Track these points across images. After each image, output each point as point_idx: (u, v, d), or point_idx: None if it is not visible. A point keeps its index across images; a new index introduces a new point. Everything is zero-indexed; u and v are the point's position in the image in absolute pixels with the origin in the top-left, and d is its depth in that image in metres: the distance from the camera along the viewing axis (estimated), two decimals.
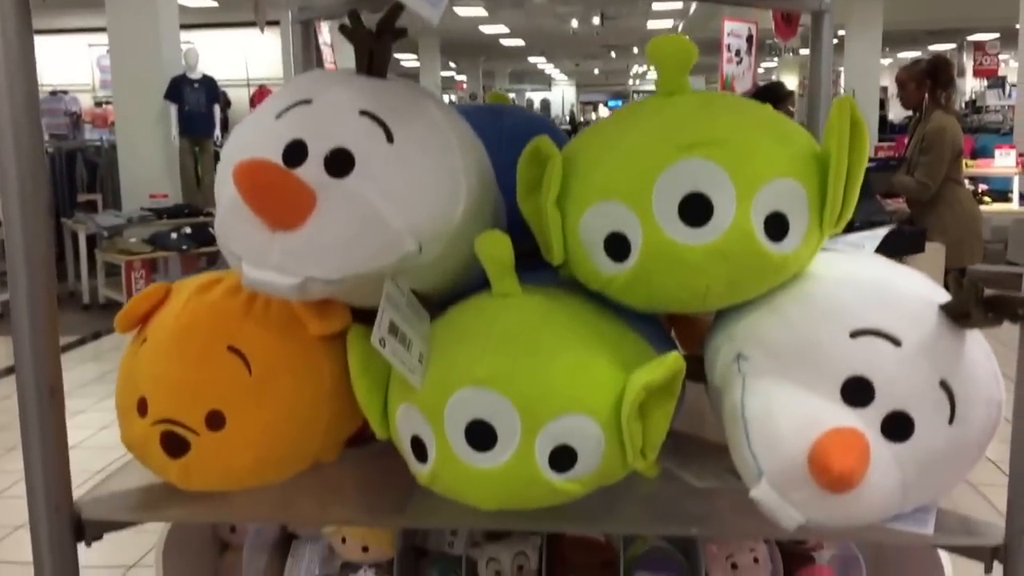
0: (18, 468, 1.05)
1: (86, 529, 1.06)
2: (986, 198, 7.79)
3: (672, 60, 1.07)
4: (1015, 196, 8.00)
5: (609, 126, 1.09)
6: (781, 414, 0.92)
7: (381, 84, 1.08)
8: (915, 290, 0.98)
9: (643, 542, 1.40)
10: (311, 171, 0.98)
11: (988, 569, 0.99)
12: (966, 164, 6.07)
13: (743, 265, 0.98)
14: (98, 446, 4.30)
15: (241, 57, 11.91)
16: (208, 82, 9.16)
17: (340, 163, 0.99)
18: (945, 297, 0.95)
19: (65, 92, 12.35)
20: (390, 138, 1.01)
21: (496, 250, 1.02)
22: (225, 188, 0.99)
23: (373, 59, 1.08)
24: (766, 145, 1.00)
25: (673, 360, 0.94)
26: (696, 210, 0.96)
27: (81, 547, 1.07)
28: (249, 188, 0.92)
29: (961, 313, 0.91)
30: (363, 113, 1.03)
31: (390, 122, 1.02)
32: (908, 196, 5.00)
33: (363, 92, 1.05)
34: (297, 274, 0.95)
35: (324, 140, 1.00)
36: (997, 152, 8.25)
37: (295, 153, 1.00)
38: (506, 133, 1.24)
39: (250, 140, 1.05)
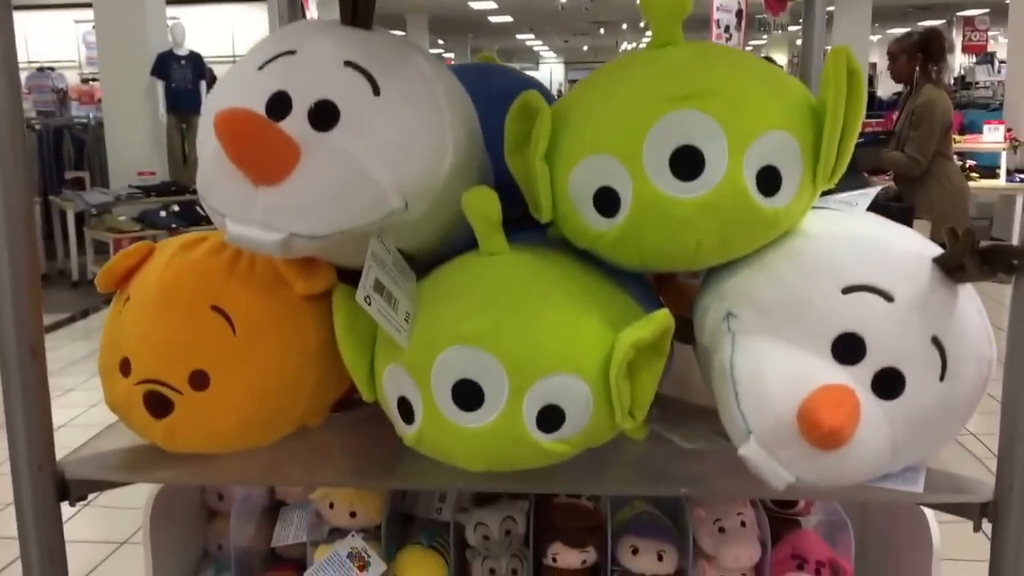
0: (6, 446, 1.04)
1: (70, 489, 1.04)
2: (973, 174, 7.80)
3: (665, 10, 1.05)
4: (1002, 172, 8.02)
5: (600, 79, 1.07)
6: (771, 372, 0.91)
7: (366, 35, 1.06)
8: (908, 246, 0.97)
9: (631, 508, 1.40)
10: (295, 124, 0.96)
11: (977, 527, 0.99)
12: (954, 140, 6.07)
13: (734, 220, 0.97)
14: (88, 424, 4.29)
15: (228, 33, 11.81)
16: (195, 58, 9.08)
17: (325, 116, 0.97)
18: (938, 253, 0.94)
19: (52, 69, 12.26)
20: (376, 91, 1.00)
21: (483, 206, 1.01)
22: (207, 142, 0.97)
23: (357, 8, 1.06)
24: (760, 97, 0.98)
25: (662, 317, 0.93)
26: (687, 163, 0.95)
27: (73, 523, 1.06)
28: (231, 139, 0.90)
29: (955, 265, 0.90)
30: (348, 64, 1.01)
31: (376, 74, 1.00)
32: (898, 172, 4.99)
33: (348, 43, 1.03)
34: (281, 230, 0.93)
35: (308, 92, 0.98)
36: (986, 127, 8.26)
37: (278, 105, 0.98)
38: (495, 93, 1.22)
39: (232, 92, 1.03)
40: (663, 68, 1.02)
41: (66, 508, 1.04)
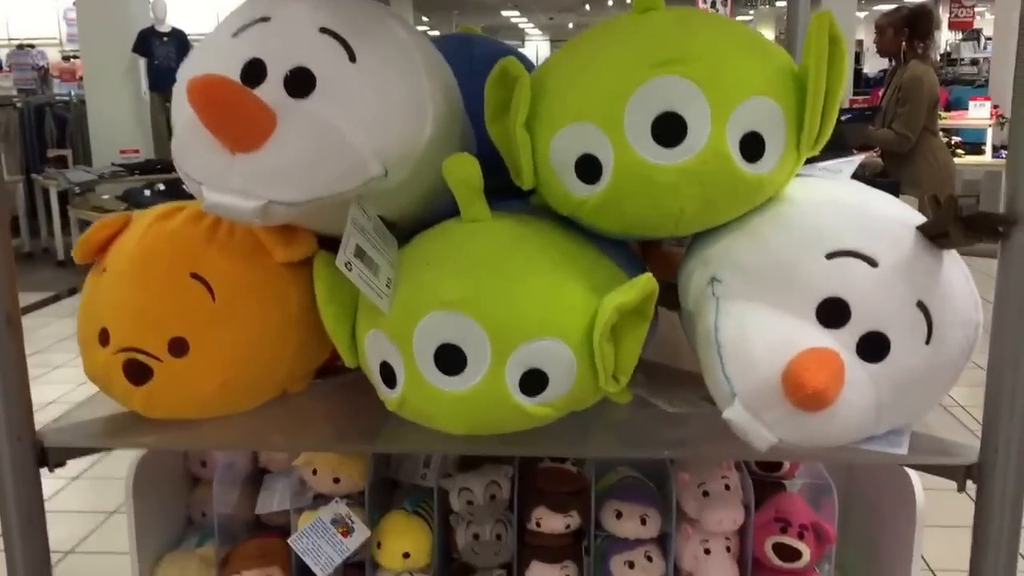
0: None
1: (49, 456, 1.04)
2: (959, 150, 7.81)
3: None
4: (988, 148, 8.03)
5: (580, 45, 1.06)
6: (755, 336, 0.92)
7: (341, 1, 1.05)
8: (892, 212, 0.97)
9: (615, 473, 1.41)
10: (270, 91, 0.95)
11: (961, 487, 0.99)
12: (940, 116, 6.07)
13: (717, 186, 0.96)
14: (76, 401, 4.24)
15: (211, 10, 11.69)
16: (178, 35, 8.96)
17: (300, 83, 0.96)
18: (923, 220, 0.94)
19: (32, 46, 12.11)
20: (352, 57, 0.98)
21: (464, 173, 1.00)
22: (182, 110, 0.96)
23: None
24: (743, 62, 0.97)
25: (646, 281, 0.93)
26: (669, 130, 0.94)
27: (63, 495, 1.05)
28: (205, 105, 0.89)
29: (939, 232, 0.91)
30: (323, 30, 0.99)
31: (352, 40, 0.99)
32: (887, 149, 4.98)
33: (323, 9, 1.02)
34: (259, 197, 0.92)
35: (283, 59, 0.97)
36: (971, 104, 8.26)
37: (253, 73, 0.97)
38: (476, 62, 1.21)
39: (206, 59, 1.02)
40: (644, 33, 1.01)
41: (56, 480, 1.04)
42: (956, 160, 6.25)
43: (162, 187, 7.60)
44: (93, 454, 1.06)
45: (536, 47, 34.33)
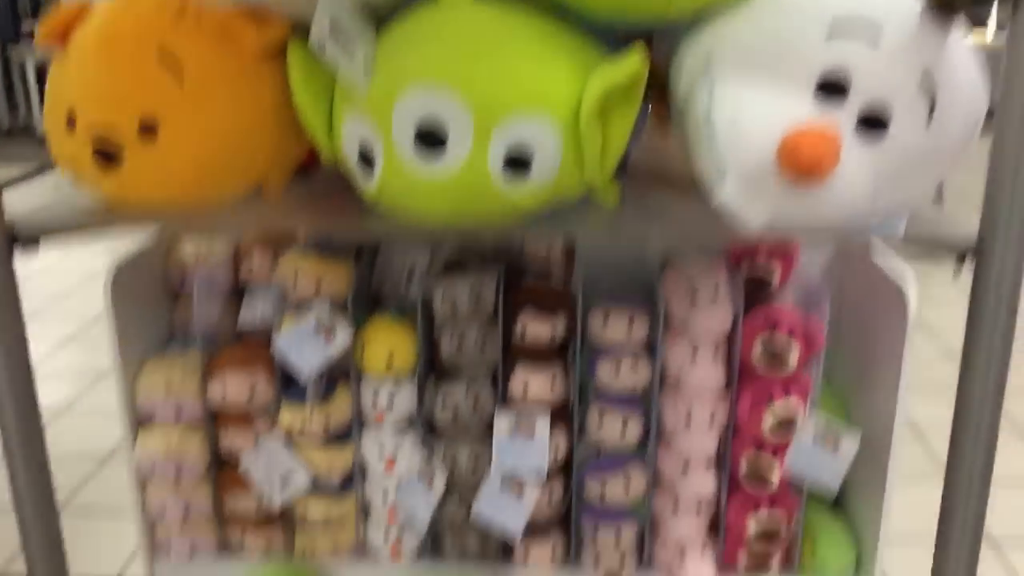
0: None
1: (20, 237, 1.00)
2: None
3: None
4: (991, 26, 7.88)
5: None
6: (749, 111, 0.89)
7: None
8: None
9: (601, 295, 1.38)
10: None
11: (959, 263, 0.97)
12: None
13: None
14: (62, 271, 4.30)
15: None
16: None
17: None
18: None
19: None
20: None
21: None
22: None
23: None
24: None
25: (635, 60, 0.90)
26: None
27: (59, 355, 1.02)
28: None
29: (944, 2, 0.86)
30: None
31: None
32: None
33: None
34: None
35: None
36: None
37: None
38: None
39: None
40: None
41: (45, 343, 1.01)
42: None
43: None
44: (67, 234, 1.02)
45: None
